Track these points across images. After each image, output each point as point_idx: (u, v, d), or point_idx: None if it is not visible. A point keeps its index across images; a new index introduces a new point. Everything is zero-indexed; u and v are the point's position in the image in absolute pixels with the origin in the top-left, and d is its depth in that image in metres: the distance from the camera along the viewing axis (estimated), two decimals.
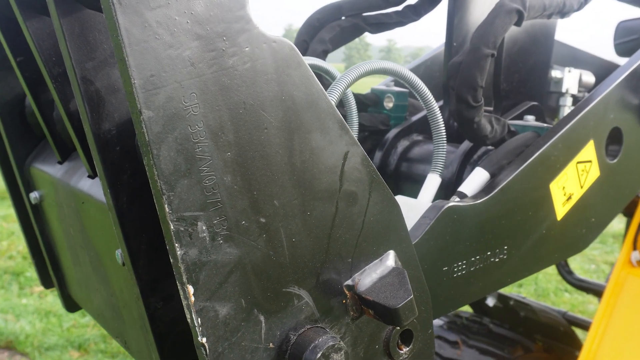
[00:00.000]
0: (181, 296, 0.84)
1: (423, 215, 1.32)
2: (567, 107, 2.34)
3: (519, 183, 1.48)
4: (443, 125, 1.64)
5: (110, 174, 0.98)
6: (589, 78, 2.48)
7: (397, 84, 2.17)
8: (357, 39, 2.28)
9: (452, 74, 1.51)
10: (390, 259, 1.06)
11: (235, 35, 0.82)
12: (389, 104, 2.08)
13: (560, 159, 1.57)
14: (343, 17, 1.99)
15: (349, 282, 1.02)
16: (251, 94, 0.85)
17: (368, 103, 2.09)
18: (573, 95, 2.38)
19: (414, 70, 2.36)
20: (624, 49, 3.21)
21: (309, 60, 1.76)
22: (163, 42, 0.77)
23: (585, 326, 3.55)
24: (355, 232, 1.01)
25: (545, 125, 1.67)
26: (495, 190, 1.42)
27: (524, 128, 1.70)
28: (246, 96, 0.85)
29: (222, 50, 0.82)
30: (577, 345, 3.57)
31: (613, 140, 1.78)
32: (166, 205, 0.80)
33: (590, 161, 1.65)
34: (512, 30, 1.87)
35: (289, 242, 0.93)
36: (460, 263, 1.38)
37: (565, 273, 3.75)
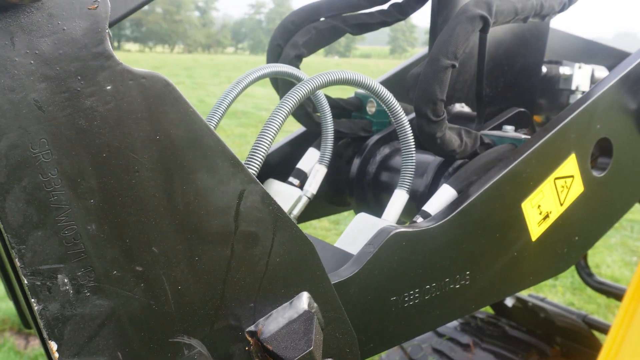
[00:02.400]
0: (45, 353, 0.79)
1: (368, 242, 1.24)
2: None
3: (483, 204, 1.37)
4: (412, 139, 1.54)
5: None
6: (602, 74, 2.33)
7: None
8: (402, 22, 2.16)
9: (411, 86, 1.41)
10: (302, 302, 0.98)
11: (93, 74, 0.75)
12: (371, 109, 1.98)
13: (534, 176, 1.45)
14: (322, 19, 1.90)
15: (251, 327, 0.95)
16: (117, 135, 0.78)
17: (350, 108, 2.00)
18: (584, 93, 2.24)
19: (401, 73, 2.25)
20: None
21: (277, 67, 1.68)
22: (1, 86, 0.71)
23: (606, 330, 3.39)
24: (258, 275, 0.94)
25: (524, 137, 1.55)
26: (453, 213, 1.32)
27: (501, 140, 1.58)
28: (110, 138, 0.78)
29: (77, 90, 0.75)
30: (597, 348, 3.42)
31: (601, 152, 1.64)
32: (17, 259, 0.74)
33: (572, 176, 1.53)
34: (496, 30, 1.74)
35: (173, 290, 0.86)
36: (412, 292, 1.29)
37: (585, 275, 3.58)
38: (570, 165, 1.51)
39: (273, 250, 0.94)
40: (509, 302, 3.66)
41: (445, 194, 1.45)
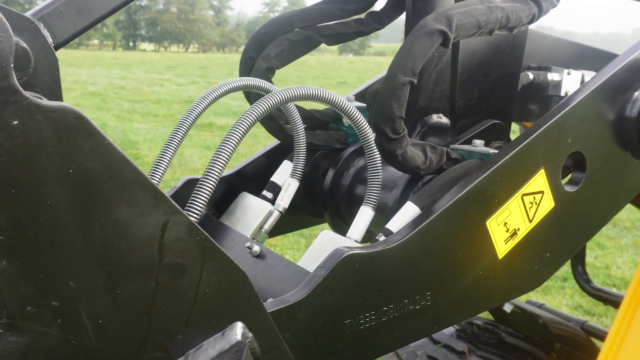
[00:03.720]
0: None
1: (319, 265, 1.22)
2: None
3: (445, 222, 1.34)
4: (378, 154, 1.52)
5: None
6: None
7: (358, 98, 2.04)
8: None
9: (370, 103, 1.38)
10: (235, 332, 0.96)
11: None
12: (347, 121, 1.95)
13: (499, 193, 1.42)
14: (296, 30, 1.88)
15: (180, 359, 0.93)
16: (26, 170, 0.77)
17: (327, 120, 1.98)
18: None
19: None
20: None
21: (245, 80, 1.66)
22: None
23: (604, 337, 3.33)
24: (186, 306, 0.92)
25: (492, 151, 1.52)
26: (412, 233, 1.30)
27: (470, 155, 1.55)
28: (19, 174, 0.76)
29: None
30: (595, 355, 3.37)
31: (575, 166, 1.60)
32: None
33: (541, 192, 1.50)
34: (470, 40, 1.71)
35: (93, 324, 0.85)
36: (367, 314, 1.27)
37: (583, 282, 3.53)
38: (539, 181, 1.48)
39: (202, 281, 0.92)
40: (507, 307, 3.63)
41: (408, 212, 1.42)
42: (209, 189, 1.24)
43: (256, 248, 1.53)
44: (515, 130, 2.97)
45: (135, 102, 20.57)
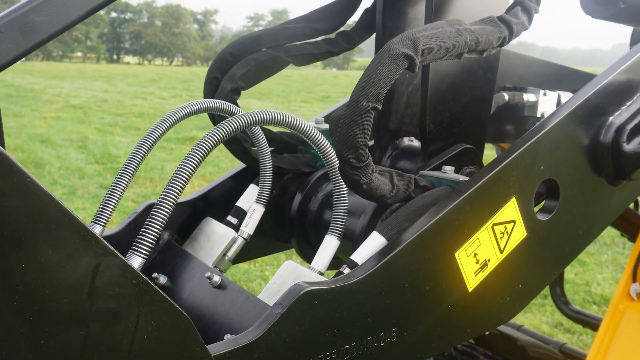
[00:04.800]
0: None
1: (276, 302, 1.15)
2: None
3: (411, 255, 1.28)
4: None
5: None
6: None
7: (327, 120, 1.98)
8: None
9: (333, 129, 1.32)
10: None
11: None
12: None
13: (468, 223, 1.36)
14: (263, 49, 1.82)
15: None
16: None
17: (295, 142, 1.91)
18: None
19: None
20: None
21: (208, 102, 1.60)
22: None
23: None
24: (122, 353, 0.85)
25: (462, 178, 1.46)
26: (376, 266, 1.23)
27: (439, 182, 1.49)
28: None
29: None
30: None
31: (548, 194, 1.55)
32: None
33: (512, 221, 1.44)
34: (440, 63, 1.66)
35: None
36: (328, 353, 1.20)
37: (561, 303, 3.48)
38: (510, 210, 1.43)
39: (139, 328, 0.85)
40: None
41: (374, 242, 1.36)
42: (160, 223, 1.17)
43: (216, 278, 1.46)
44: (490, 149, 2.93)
45: (117, 115, 20.39)
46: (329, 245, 1.48)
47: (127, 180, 1.43)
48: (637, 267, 3.01)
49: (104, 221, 1.40)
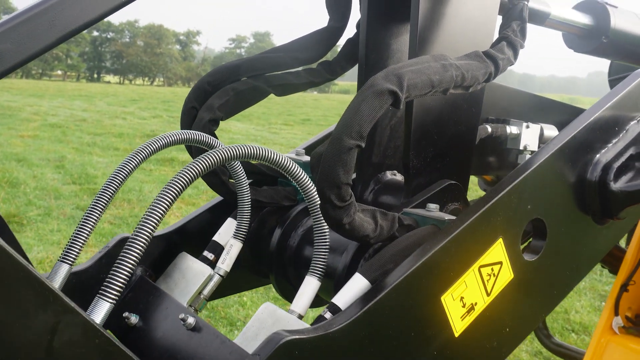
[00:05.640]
0: None
1: (254, 351, 1.08)
2: None
3: (395, 300, 1.22)
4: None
5: None
6: (551, 132, 2.24)
7: (308, 152, 1.93)
8: None
9: (314, 166, 1.27)
10: None
11: None
12: None
13: (455, 265, 1.31)
14: (243, 79, 1.77)
15: None
16: None
17: (275, 175, 1.86)
18: (533, 152, 2.14)
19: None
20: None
21: (185, 134, 1.54)
22: None
23: None
24: None
25: (447, 217, 1.41)
26: (359, 313, 1.17)
27: (424, 220, 1.44)
28: None
29: None
30: None
31: (534, 233, 1.51)
32: None
33: (499, 263, 1.39)
34: (424, 97, 1.62)
35: None
36: None
37: (543, 337, 3.44)
38: (496, 251, 1.38)
39: None
40: None
41: (356, 285, 1.30)
42: (132, 263, 1.11)
43: (191, 320, 1.39)
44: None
45: (96, 135, 20.17)
46: (309, 287, 1.42)
47: (97, 215, 1.36)
48: (619, 300, 2.98)
49: (72, 259, 1.33)
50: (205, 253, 1.71)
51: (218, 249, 1.71)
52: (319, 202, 1.36)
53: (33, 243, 8.37)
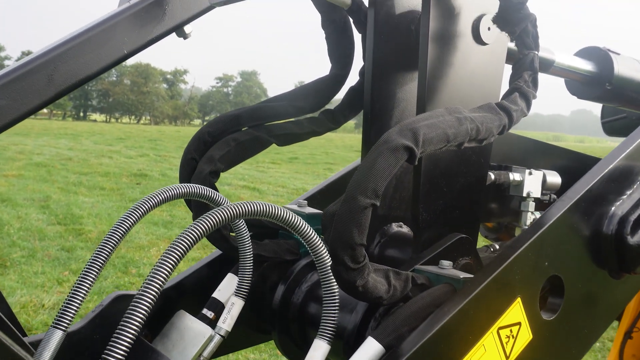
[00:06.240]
0: None
1: None
2: (529, 212, 2.04)
3: None
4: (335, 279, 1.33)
5: None
6: (554, 179, 2.20)
7: (311, 204, 1.87)
8: None
9: (326, 226, 1.20)
10: None
11: None
12: None
13: (473, 328, 1.24)
14: (244, 129, 1.72)
15: None
16: None
17: (276, 227, 1.79)
18: (537, 199, 2.10)
19: (338, 182, 2.06)
20: (612, 127, 3.00)
21: (185, 188, 1.47)
22: None
23: None
24: None
25: (462, 276, 1.35)
26: None
27: (437, 278, 1.38)
28: None
29: None
30: None
31: (552, 291, 1.45)
32: None
33: (518, 323, 1.32)
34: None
35: None
36: None
37: None
38: (515, 312, 1.31)
39: None
40: None
41: (370, 350, 1.22)
42: (132, 335, 1.03)
43: None
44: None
45: (82, 174, 20.00)
46: (319, 351, 1.34)
47: (93, 275, 1.28)
48: (624, 347, 2.92)
49: (66, 324, 1.25)
50: (205, 311, 1.63)
51: (218, 307, 1.63)
52: (330, 262, 1.30)
53: (16, 286, 8.17)
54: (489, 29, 1.62)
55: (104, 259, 1.28)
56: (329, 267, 1.32)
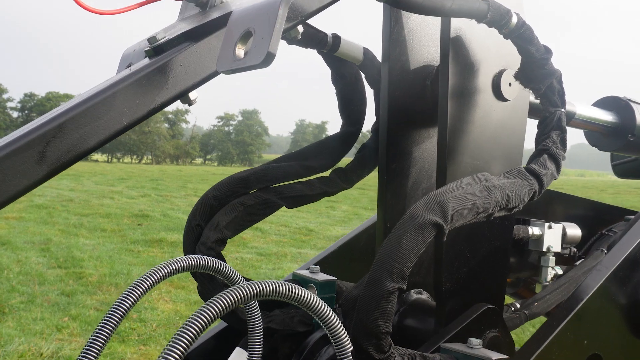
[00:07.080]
0: None
1: None
2: (549, 267, 1.93)
3: None
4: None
5: None
6: (575, 231, 2.10)
7: (323, 268, 1.76)
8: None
9: (348, 311, 1.10)
10: None
11: None
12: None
13: None
14: (252, 191, 1.62)
15: None
16: None
17: None
18: (557, 254, 1.99)
19: (351, 243, 1.96)
20: (623, 170, 2.92)
21: (191, 260, 1.36)
22: None
23: None
24: None
25: (495, 358, 1.23)
26: None
27: (467, 359, 1.26)
28: None
29: None
30: None
31: None
32: None
33: None
34: None
35: None
36: None
37: None
38: None
39: None
40: None
41: None
42: None
43: None
44: None
45: (83, 215, 19.88)
46: None
47: (101, 344, 1.16)
48: None
49: None
50: None
51: None
52: (350, 348, 1.18)
53: (14, 334, 7.99)
54: (510, 84, 1.53)
55: (105, 334, 1.17)
56: (350, 355, 1.20)
